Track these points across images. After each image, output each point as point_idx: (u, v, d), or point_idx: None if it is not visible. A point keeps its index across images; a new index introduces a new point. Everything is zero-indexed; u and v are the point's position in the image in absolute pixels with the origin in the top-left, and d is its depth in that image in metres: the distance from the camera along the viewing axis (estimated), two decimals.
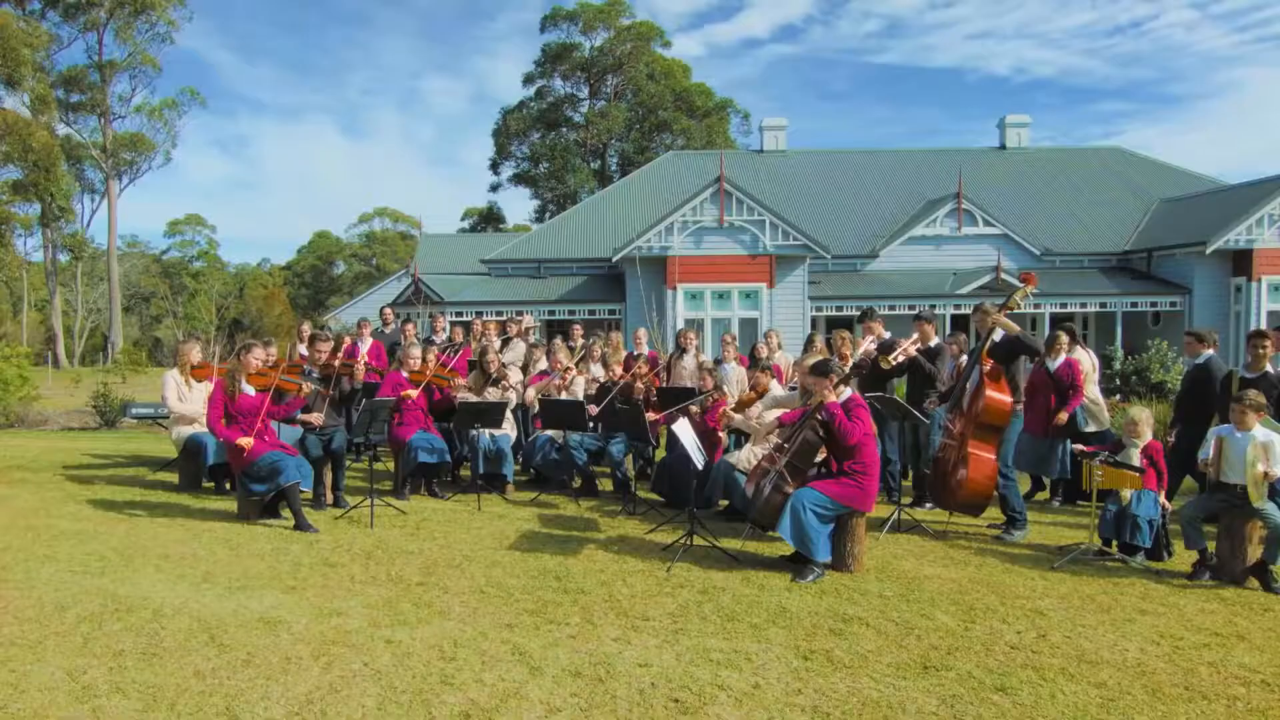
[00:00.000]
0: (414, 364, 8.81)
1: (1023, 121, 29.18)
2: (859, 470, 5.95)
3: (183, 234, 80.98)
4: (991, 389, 7.21)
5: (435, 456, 8.50)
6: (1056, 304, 22.07)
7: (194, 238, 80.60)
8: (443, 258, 32.07)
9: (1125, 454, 6.81)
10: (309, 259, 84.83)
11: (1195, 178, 26.99)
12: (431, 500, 8.50)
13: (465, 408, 8.38)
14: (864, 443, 5.95)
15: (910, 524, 7.50)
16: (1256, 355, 7.36)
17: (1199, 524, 6.17)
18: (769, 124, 30.16)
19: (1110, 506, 6.68)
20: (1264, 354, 7.34)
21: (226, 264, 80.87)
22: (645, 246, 21.85)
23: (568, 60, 53.11)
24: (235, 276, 78.20)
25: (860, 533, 6.09)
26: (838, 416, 5.88)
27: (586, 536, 7.00)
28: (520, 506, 8.24)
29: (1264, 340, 7.45)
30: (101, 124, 50.04)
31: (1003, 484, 7.34)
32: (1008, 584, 5.88)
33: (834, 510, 5.93)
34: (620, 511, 8.04)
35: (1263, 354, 7.34)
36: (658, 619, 5.00)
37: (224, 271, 78.15)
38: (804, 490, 5.92)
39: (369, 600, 5.25)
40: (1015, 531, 7.34)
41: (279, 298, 67.12)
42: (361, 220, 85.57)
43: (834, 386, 6.06)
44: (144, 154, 51.04)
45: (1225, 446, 6.11)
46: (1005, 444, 7.36)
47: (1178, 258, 22.25)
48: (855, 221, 25.66)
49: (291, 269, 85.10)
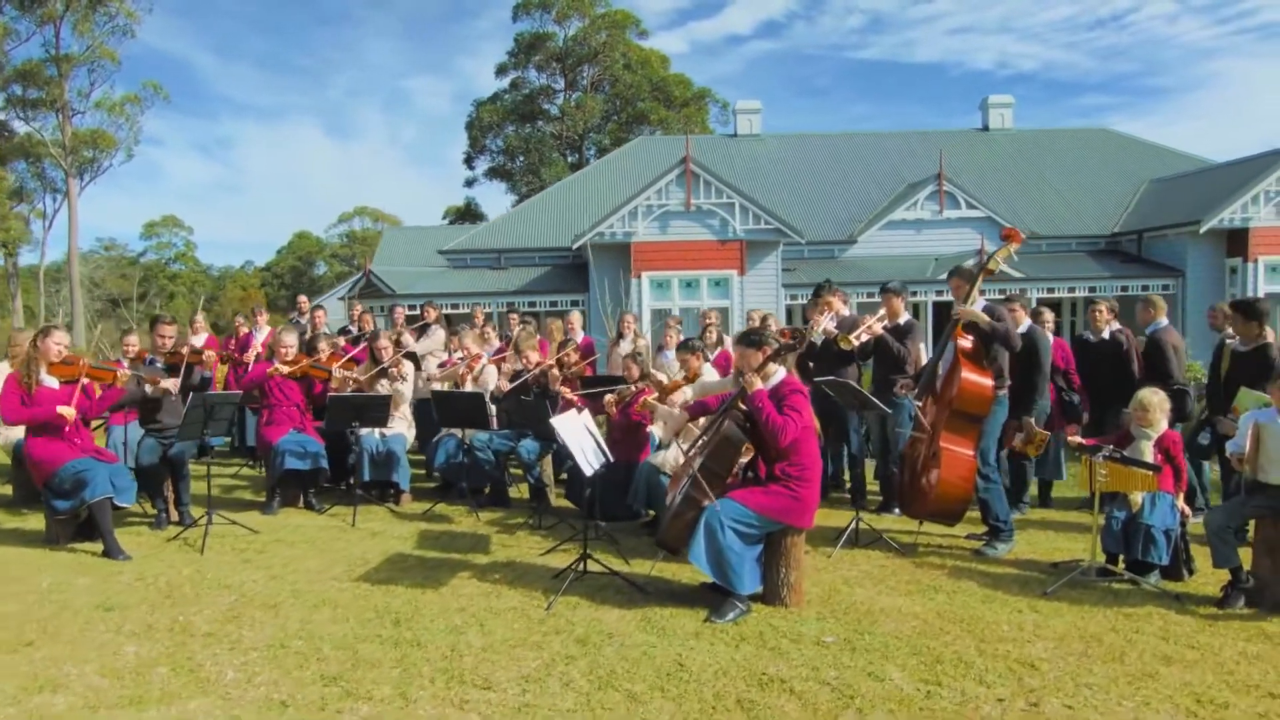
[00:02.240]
0: (285, 352, 7.40)
1: (1006, 102, 27.89)
2: (794, 475, 4.57)
3: (159, 235, 79.25)
4: (968, 370, 5.86)
5: (307, 462, 7.09)
6: (1043, 289, 20.78)
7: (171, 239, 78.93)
8: (408, 251, 30.66)
9: (1135, 448, 5.45)
10: (289, 259, 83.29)
11: (1184, 157, 25.76)
12: (303, 514, 7.10)
13: (337, 402, 6.96)
14: (800, 440, 4.58)
15: (871, 536, 6.14)
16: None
17: (1231, 535, 4.83)
18: (743, 107, 28.80)
19: (1117, 514, 5.34)
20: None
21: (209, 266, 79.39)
22: (608, 233, 20.45)
23: (541, 50, 51.65)
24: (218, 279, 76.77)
25: (797, 555, 4.71)
26: (764, 408, 4.50)
27: (465, 561, 5.61)
28: (406, 521, 6.84)
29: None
30: (60, 120, 48.31)
31: (983, 486, 5.98)
32: (987, 620, 4.52)
33: (761, 527, 4.56)
34: (524, 525, 6.66)
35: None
36: (503, 685, 3.62)
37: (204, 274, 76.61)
38: (722, 503, 4.54)
39: (116, 664, 3.85)
40: (999, 545, 5.98)
41: (254, 298, 65.73)
42: (341, 220, 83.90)
43: (760, 366, 4.68)
44: (105, 151, 49.36)
45: (1265, 436, 4.77)
46: (986, 437, 6.00)
47: (1169, 239, 20.98)
48: (833, 206, 24.34)
49: (271, 269, 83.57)
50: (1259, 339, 6.10)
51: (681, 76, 52.39)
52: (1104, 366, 7.27)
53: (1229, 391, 6.10)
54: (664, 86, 51.91)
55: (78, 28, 46.55)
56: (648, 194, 20.41)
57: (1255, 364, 6.01)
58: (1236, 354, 6.26)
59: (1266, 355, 5.99)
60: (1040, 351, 7.09)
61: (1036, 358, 7.09)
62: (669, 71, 52.06)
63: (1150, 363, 7.10)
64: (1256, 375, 5.85)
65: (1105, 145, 26.81)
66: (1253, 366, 6.01)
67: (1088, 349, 7.50)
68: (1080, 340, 7.73)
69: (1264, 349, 6.03)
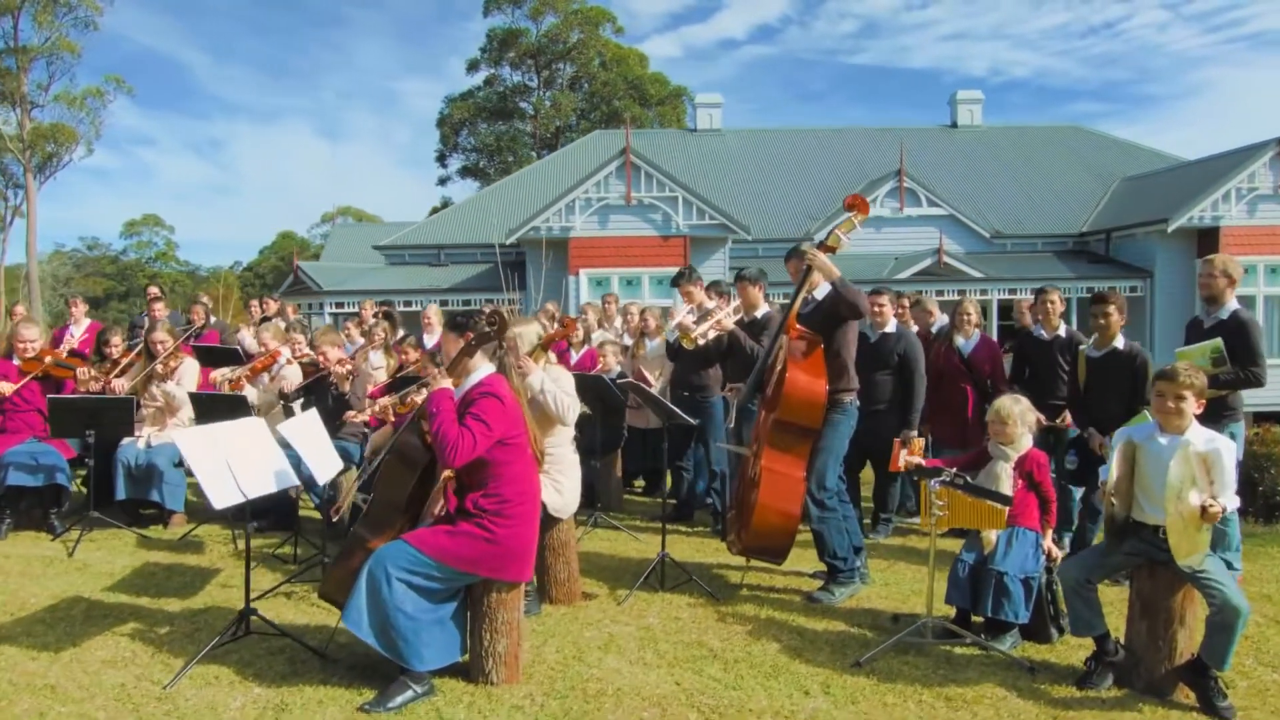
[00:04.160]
0: (24, 348, 6.20)
1: (975, 98, 26.79)
2: (489, 511, 3.37)
3: (140, 234, 78.03)
4: (798, 370, 4.68)
5: (38, 477, 5.90)
6: (1005, 289, 19.63)
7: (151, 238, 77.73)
8: (357, 249, 29.50)
9: (989, 471, 4.27)
10: (271, 259, 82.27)
11: (1160, 156, 24.62)
12: (36, 539, 5.89)
13: (59, 405, 5.74)
14: (500, 464, 3.39)
15: (680, 577, 4.95)
16: (1100, 325, 5.30)
17: (1093, 592, 3.65)
18: (703, 101, 27.67)
19: (964, 557, 4.16)
20: (1110, 322, 5.26)
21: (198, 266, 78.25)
22: (543, 227, 19.27)
23: (515, 47, 50.60)
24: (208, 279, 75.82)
25: (507, 618, 3.50)
26: (437, 413, 3.30)
27: (134, 607, 4.41)
28: (145, 550, 5.64)
29: (1107, 305, 5.27)
30: (19, 115, 47.05)
31: (817, 516, 4.77)
32: (749, 708, 3.33)
33: (447, 580, 3.36)
34: (273, 556, 5.45)
35: (1106, 323, 5.27)
36: None
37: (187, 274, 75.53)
38: (391, 547, 3.35)
39: None
40: (836, 590, 4.78)
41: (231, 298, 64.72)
42: (324, 220, 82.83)
43: (457, 358, 3.48)
44: (65, 145, 48.11)
45: (1142, 460, 3.60)
46: (823, 454, 4.81)
47: (1138, 238, 19.85)
48: (791, 202, 23.20)
49: (253, 269, 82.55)
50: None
51: (658, 75, 51.45)
52: (1054, 369, 5.95)
53: (1090, 402, 5.17)
54: (639, 85, 50.99)
55: (37, 18, 45.39)
56: (585, 186, 19.28)
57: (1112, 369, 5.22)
58: (1091, 359, 5.32)
59: (1118, 358, 5.20)
60: (910, 356, 6.00)
61: (908, 362, 6.01)
62: (646, 70, 51.11)
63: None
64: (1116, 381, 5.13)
65: (1077, 143, 25.71)
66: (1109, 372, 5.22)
67: (1038, 347, 6.12)
68: (1026, 335, 6.40)
69: (1114, 353, 5.24)
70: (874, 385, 5.99)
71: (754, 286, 6.27)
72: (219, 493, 3.42)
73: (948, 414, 6.51)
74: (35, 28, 45.71)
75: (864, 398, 5.34)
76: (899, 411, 6.02)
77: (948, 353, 6.57)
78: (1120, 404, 5.07)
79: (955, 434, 6.46)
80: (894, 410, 6.02)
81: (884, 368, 6.07)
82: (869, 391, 5.83)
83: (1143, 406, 4.82)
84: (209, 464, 3.46)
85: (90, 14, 47.22)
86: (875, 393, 5.99)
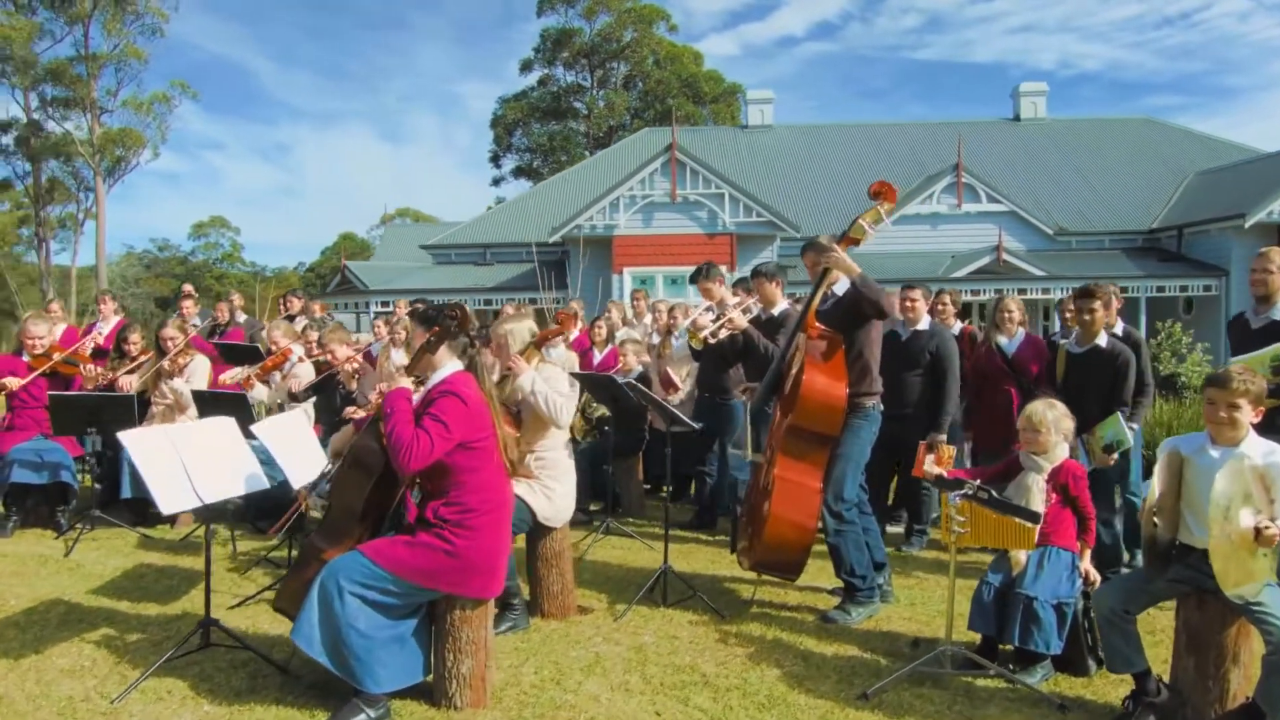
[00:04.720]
0: (32, 345, 6.15)
1: (1039, 89, 25.74)
2: (450, 521, 3.09)
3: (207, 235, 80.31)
4: (816, 372, 4.31)
5: (43, 475, 5.83)
6: (1068, 289, 18.77)
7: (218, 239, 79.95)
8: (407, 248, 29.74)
9: (1019, 483, 3.85)
10: (332, 260, 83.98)
11: (1238, 148, 23.31)
12: (41, 538, 5.83)
13: (60, 403, 5.65)
14: (463, 469, 3.11)
15: (684, 593, 4.62)
16: (1084, 320, 4.94)
17: (1132, 624, 3.23)
18: (754, 96, 27.18)
19: (990, 578, 3.76)
20: (1094, 318, 4.90)
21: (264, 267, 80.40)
22: (587, 225, 19.09)
23: (568, 46, 50.66)
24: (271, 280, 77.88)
25: (475, 636, 3.22)
26: (392, 413, 3.03)
27: (113, 611, 4.25)
28: (143, 552, 5.51)
29: (1093, 301, 4.88)
30: (90, 120, 48.68)
31: (834, 528, 4.40)
32: None
33: (405, 595, 3.10)
34: (262, 560, 5.27)
35: (1091, 319, 4.90)
36: None
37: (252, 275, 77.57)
38: (345, 558, 3.09)
39: None
40: (853, 610, 4.40)
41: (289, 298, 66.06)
42: (383, 221, 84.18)
43: (419, 354, 3.21)
44: (133, 149, 49.63)
45: (1190, 475, 3.16)
46: (841, 462, 4.43)
47: (1212, 235, 18.79)
48: (843, 199, 22.56)
49: (314, 270, 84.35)
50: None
51: (713, 72, 51.01)
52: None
53: (1066, 402, 4.72)
54: (694, 83, 50.62)
55: (107, 26, 46.93)
56: (630, 184, 19.02)
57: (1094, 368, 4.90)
58: (1072, 356, 4.98)
59: (1100, 356, 4.87)
60: (943, 354, 5.56)
61: (940, 361, 5.57)
62: (701, 68, 50.72)
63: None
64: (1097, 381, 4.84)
65: (1148, 135, 24.55)
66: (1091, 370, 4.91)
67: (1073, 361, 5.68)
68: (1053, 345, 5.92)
69: (1096, 351, 4.90)
70: (904, 386, 5.58)
71: (771, 282, 5.89)
72: (168, 496, 3.21)
73: (991, 419, 6.03)
74: (104, 35, 47.23)
75: (893, 400, 4.96)
76: (930, 414, 5.60)
77: (989, 353, 6.11)
78: (1098, 404, 4.74)
79: (999, 441, 5.99)
80: (925, 413, 5.60)
81: (915, 367, 5.64)
82: (898, 393, 5.44)
83: (1119, 408, 4.67)
84: (159, 465, 3.25)
85: (157, 21, 48.63)
86: (905, 394, 5.58)
